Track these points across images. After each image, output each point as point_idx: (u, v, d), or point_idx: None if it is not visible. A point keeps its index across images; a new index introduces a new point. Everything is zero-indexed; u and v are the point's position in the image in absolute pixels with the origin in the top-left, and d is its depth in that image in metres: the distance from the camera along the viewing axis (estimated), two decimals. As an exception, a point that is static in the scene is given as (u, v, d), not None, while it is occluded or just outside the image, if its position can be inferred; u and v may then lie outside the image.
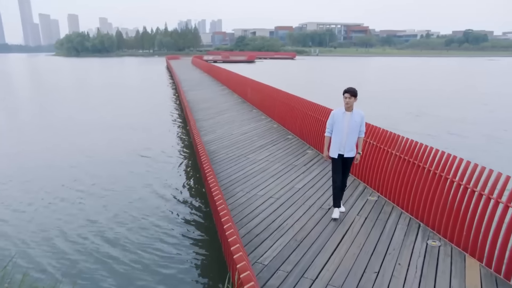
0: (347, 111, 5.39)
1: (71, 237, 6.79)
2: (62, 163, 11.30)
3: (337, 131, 5.46)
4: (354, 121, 5.38)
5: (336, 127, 5.47)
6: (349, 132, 5.40)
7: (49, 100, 27.21)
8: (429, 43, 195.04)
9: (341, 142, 5.44)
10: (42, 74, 59.13)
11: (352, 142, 5.47)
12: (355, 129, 5.42)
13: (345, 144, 5.44)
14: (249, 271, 3.10)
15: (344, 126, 5.40)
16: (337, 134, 5.46)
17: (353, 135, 5.44)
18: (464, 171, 4.89)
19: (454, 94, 28.91)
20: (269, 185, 7.17)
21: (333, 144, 5.53)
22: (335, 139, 5.50)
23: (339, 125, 5.43)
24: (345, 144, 5.44)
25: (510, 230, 4.06)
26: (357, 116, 5.40)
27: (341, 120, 5.42)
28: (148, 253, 6.21)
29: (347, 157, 5.52)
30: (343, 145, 5.45)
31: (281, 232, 5.30)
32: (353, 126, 5.39)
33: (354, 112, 5.40)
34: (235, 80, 23.02)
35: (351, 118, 5.37)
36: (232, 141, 10.62)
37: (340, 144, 5.46)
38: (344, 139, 5.43)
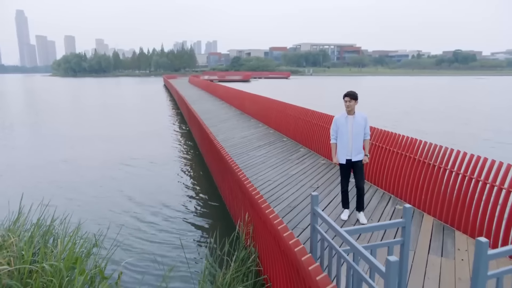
0: (349, 114, 5.43)
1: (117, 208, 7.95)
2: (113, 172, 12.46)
3: (342, 135, 5.47)
4: (358, 124, 5.41)
5: (341, 132, 5.48)
6: (354, 136, 5.41)
7: (74, 117, 28.46)
8: (420, 63, 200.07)
9: (348, 146, 5.44)
10: (55, 93, 60.38)
11: (358, 145, 5.47)
12: (360, 132, 5.44)
13: (351, 148, 5.44)
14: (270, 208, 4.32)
15: (348, 130, 5.41)
16: (343, 138, 5.47)
17: (359, 138, 5.45)
18: (422, 150, 6.21)
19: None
20: (268, 173, 8.43)
21: (340, 149, 5.52)
22: (341, 144, 5.50)
23: (343, 129, 5.44)
24: (352, 148, 5.44)
25: (452, 192, 5.37)
26: (360, 118, 5.44)
27: (344, 125, 5.43)
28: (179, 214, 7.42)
29: (356, 161, 5.52)
30: (349, 149, 5.45)
31: (279, 201, 6.55)
32: (357, 129, 5.41)
33: (356, 115, 5.44)
34: (232, 95, 24.46)
35: (354, 121, 5.40)
36: (234, 143, 11.89)
37: (347, 149, 5.46)
38: (350, 143, 5.43)
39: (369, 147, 6.61)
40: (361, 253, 2.43)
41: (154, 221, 7.66)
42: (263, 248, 4.30)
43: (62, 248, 4.56)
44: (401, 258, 2.80)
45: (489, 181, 4.90)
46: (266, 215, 3.59)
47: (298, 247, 2.83)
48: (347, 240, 2.57)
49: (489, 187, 4.89)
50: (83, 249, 4.91)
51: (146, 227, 7.35)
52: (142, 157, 13.45)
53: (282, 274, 3.54)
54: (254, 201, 4.06)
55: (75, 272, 4.27)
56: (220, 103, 25.91)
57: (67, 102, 41.96)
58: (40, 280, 3.85)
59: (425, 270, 4.29)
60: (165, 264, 5.60)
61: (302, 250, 2.79)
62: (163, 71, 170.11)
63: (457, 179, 5.41)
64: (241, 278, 4.31)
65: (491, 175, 4.90)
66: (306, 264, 2.60)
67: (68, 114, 29.20)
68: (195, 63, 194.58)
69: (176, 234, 6.97)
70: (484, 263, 2.25)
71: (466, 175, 5.27)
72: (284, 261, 3.34)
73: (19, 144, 16.87)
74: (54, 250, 4.59)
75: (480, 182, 5.02)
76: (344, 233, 2.63)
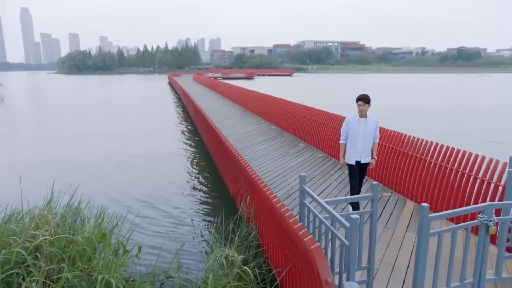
0: (361, 117, 5.52)
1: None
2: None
3: (353, 137, 5.56)
4: (369, 127, 5.49)
5: (352, 134, 5.56)
6: (364, 138, 5.50)
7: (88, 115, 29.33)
8: (424, 60, 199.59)
9: (357, 148, 5.54)
10: (65, 92, 61.35)
11: (368, 147, 5.57)
12: (370, 135, 5.54)
13: (361, 150, 5.55)
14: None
15: (360, 132, 5.51)
16: (353, 140, 5.56)
17: (369, 141, 5.55)
18: (403, 141, 6.94)
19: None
20: (268, 165, 9.18)
21: (349, 150, 5.64)
22: (351, 145, 5.60)
23: (355, 131, 5.53)
24: (362, 150, 5.55)
25: (431, 180, 6.11)
26: (371, 122, 5.53)
27: (356, 127, 5.52)
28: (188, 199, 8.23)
29: (364, 163, 5.65)
30: (359, 151, 5.55)
31: (277, 189, 7.30)
32: (368, 132, 5.50)
33: (368, 118, 5.53)
34: (236, 92, 25.21)
35: (366, 124, 5.49)
36: (237, 138, 12.64)
37: (356, 150, 5.56)
38: (360, 145, 5.53)
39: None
40: (335, 216, 3.18)
41: (166, 205, 8.58)
42: (262, 225, 5.05)
43: (90, 225, 5.36)
44: (371, 225, 3.52)
45: (460, 169, 5.64)
46: (264, 194, 4.34)
47: (291, 219, 3.55)
48: (326, 208, 3.32)
49: (459, 174, 5.63)
50: (107, 228, 5.68)
51: (159, 210, 8.26)
52: (152, 151, 14.40)
53: (277, 243, 4.29)
54: (255, 184, 4.80)
55: (103, 245, 5.07)
56: (224, 101, 26.66)
57: (78, 100, 42.91)
58: (76, 249, 4.61)
59: (401, 244, 5.02)
60: (178, 240, 6.40)
61: (294, 220, 3.52)
62: (167, 69, 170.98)
63: (435, 168, 6.15)
64: (243, 250, 5.05)
65: (456, 162, 5.64)
66: (297, 229, 3.32)
67: (80, 112, 30.08)
68: (199, 60, 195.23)
69: (186, 216, 7.88)
70: (426, 222, 2.98)
71: (443, 164, 6.00)
72: (279, 232, 4.08)
73: (42, 138, 17.72)
74: (83, 228, 5.36)
75: (453, 170, 5.76)
76: (324, 202, 3.37)
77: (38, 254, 4.46)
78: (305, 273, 3.28)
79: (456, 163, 5.77)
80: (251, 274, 4.33)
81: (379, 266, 4.46)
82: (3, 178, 10.98)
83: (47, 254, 4.47)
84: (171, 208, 8.41)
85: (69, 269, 4.23)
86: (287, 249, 3.90)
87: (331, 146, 9.77)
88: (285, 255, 3.96)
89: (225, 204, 8.21)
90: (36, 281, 3.96)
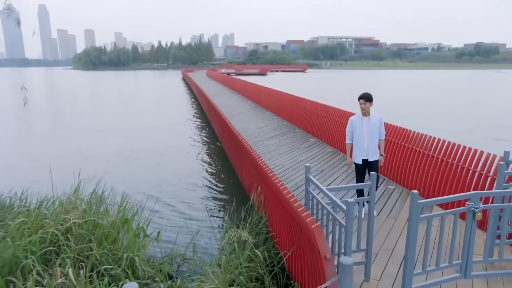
0: (364, 116, 5.58)
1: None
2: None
3: (358, 136, 5.61)
4: (373, 125, 5.53)
5: (356, 133, 5.62)
6: (369, 136, 5.54)
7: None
8: (440, 56, 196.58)
9: (363, 147, 5.59)
10: (86, 88, 62.71)
11: (374, 145, 5.60)
12: (375, 133, 5.56)
13: (367, 149, 5.58)
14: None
15: (364, 131, 5.55)
16: (358, 139, 5.61)
17: (374, 138, 5.58)
18: (407, 136, 7.26)
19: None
20: (279, 159, 9.57)
21: (356, 150, 5.69)
22: (356, 144, 5.66)
23: (359, 130, 5.58)
24: (368, 148, 5.58)
25: (433, 174, 6.43)
26: (375, 119, 5.57)
27: (360, 126, 5.57)
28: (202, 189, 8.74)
29: (372, 161, 5.66)
30: (365, 149, 5.59)
31: (287, 181, 7.70)
32: (372, 130, 5.53)
33: (371, 116, 5.58)
34: (249, 89, 25.61)
35: (370, 122, 5.54)
36: (249, 133, 13.05)
37: (362, 149, 5.60)
38: (366, 143, 5.56)
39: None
40: (335, 201, 3.57)
41: (183, 195, 9.21)
42: (271, 213, 5.46)
43: (114, 211, 5.87)
44: (369, 211, 3.89)
45: (460, 163, 5.96)
46: (273, 183, 4.75)
47: (295, 203, 3.96)
48: (327, 194, 3.71)
49: (459, 168, 5.95)
50: (129, 214, 6.17)
51: (176, 199, 8.89)
52: (169, 144, 15.15)
53: (284, 228, 4.70)
54: (265, 174, 5.22)
55: (125, 229, 5.55)
56: (237, 97, 27.09)
57: (96, 96, 43.99)
58: (102, 231, 5.10)
59: (401, 233, 5.38)
60: (193, 226, 6.88)
61: (298, 204, 3.92)
62: (180, 64, 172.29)
63: (437, 162, 6.47)
64: (254, 236, 5.47)
65: (456, 157, 5.95)
66: (300, 212, 3.72)
67: (98, 108, 30.93)
68: (212, 56, 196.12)
69: (202, 204, 8.46)
70: (416, 208, 3.34)
71: (444, 159, 6.32)
72: (286, 217, 4.48)
73: (70, 133, 18.46)
74: (107, 213, 5.86)
75: (454, 164, 6.07)
76: (325, 189, 3.76)
77: (68, 235, 4.96)
78: (308, 252, 3.68)
79: (457, 157, 6.08)
80: (261, 256, 4.76)
81: (379, 251, 4.83)
82: (30, 170, 11.64)
83: (77, 236, 4.97)
84: (187, 197, 9.02)
85: (97, 248, 4.70)
86: (292, 233, 4.30)
87: (340, 141, 10.11)
88: (291, 238, 4.36)
89: (237, 194, 8.67)
90: (69, 258, 4.44)
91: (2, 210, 6.19)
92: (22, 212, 5.67)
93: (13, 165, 12.24)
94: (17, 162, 12.70)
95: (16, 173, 11.29)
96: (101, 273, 4.36)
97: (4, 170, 11.56)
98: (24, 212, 5.62)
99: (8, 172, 11.43)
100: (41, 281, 4.05)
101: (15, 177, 10.63)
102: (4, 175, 10.99)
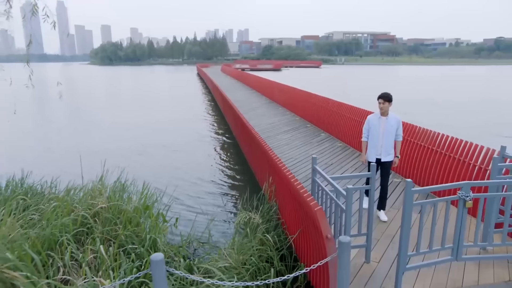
0: (382, 116, 5.58)
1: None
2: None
3: (373, 135, 5.63)
4: (390, 125, 5.51)
5: (372, 132, 5.64)
6: (385, 137, 5.53)
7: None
8: (458, 51, 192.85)
9: (377, 146, 5.60)
10: (106, 83, 64.06)
11: (388, 146, 5.57)
12: (391, 133, 5.54)
13: (381, 148, 5.57)
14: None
15: (380, 130, 5.55)
16: (373, 138, 5.63)
17: (389, 139, 5.55)
18: (413, 132, 7.58)
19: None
20: (290, 152, 9.98)
21: (370, 148, 5.71)
22: (371, 143, 5.68)
23: (375, 129, 5.59)
24: (382, 148, 5.57)
25: (436, 167, 6.76)
26: (392, 120, 5.54)
27: (376, 125, 5.58)
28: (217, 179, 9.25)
29: (384, 161, 5.65)
30: (379, 149, 5.60)
31: (297, 174, 8.10)
32: (388, 131, 5.51)
33: (389, 117, 5.56)
34: (263, 84, 26.00)
35: (387, 122, 5.53)
36: (262, 128, 13.47)
37: (376, 148, 5.62)
38: (380, 143, 5.56)
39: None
40: (337, 189, 3.97)
41: (199, 185, 9.85)
42: (281, 201, 5.88)
43: (137, 198, 6.39)
44: (369, 198, 4.28)
45: (462, 157, 6.27)
46: (282, 172, 5.17)
47: (302, 190, 4.36)
48: (330, 182, 4.11)
49: (461, 162, 6.27)
50: (149, 202, 6.67)
51: (193, 188, 9.56)
52: (185, 139, 15.83)
53: (292, 214, 5.12)
54: (275, 164, 5.64)
55: (146, 215, 6.05)
56: (251, 92, 27.51)
57: (117, 92, 45.02)
58: (127, 215, 5.60)
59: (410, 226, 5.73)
60: (209, 214, 7.41)
61: (304, 191, 4.33)
62: (195, 60, 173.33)
63: (440, 156, 6.79)
64: (265, 222, 5.91)
65: (458, 151, 6.27)
66: (306, 197, 4.13)
67: (119, 103, 31.76)
68: (227, 51, 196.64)
69: (217, 194, 9.09)
70: (410, 195, 3.71)
71: (447, 153, 6.64)
72: (294, 204, 4.89)
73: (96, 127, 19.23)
74: (129, 200, 6.37)
75: (456, 159, 6.39)
76: (329, 177, 4.16)
77: (96, 219, 5.48)
78: (312, 234, 4.09)
79: (459, 152, 6.39)
80: (271, 240, 5.19)
81: (380, 237, 5.22)
82: (59, 161, 12.34)
83: (103, 219, 5.48)
84: (203, 187, 9.66)
85: (122, 230, 5.20)
86: (299, 217, 4.72)
87: (349, 136, 10.45)
88: (298, 222, 4.78)
89: (250, 185, 9.14)
90: (98, 237, 4.95)
91: (34, 196, 6.78)
92: (53, 198, 6.23)
93: (41, 157, 12.96)
94: (46, 153, 13.45)
95: (43, 164, 11.97)
96: (127, 252, 4.85)
97: (34, 161, 12.25)
98: (54, 198, 6.17)
99: (35, 163, 12.12)
100: (75, 256, 4.56)
101: (41, 168, 11.31)
102: (32, 166, 11.68)
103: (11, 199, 6.22)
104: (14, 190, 6.97)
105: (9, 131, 17.86)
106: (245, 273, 4.60)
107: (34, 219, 5.51)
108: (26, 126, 19.37)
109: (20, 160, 11.77)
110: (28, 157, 12.71)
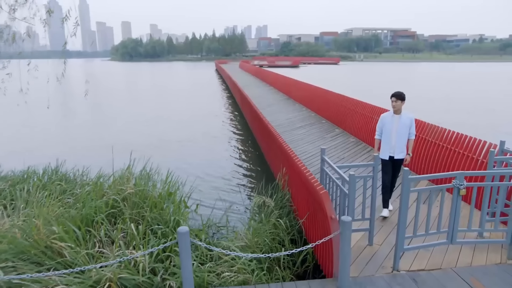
0: (395, 114, 5.66)
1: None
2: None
3: (386, 133, 5.69)
4: (403, 123, 5.58)
5: (385, 130, 5.70)
6: (398, 135, 5.59)
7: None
8: (482, 48, 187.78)
9: (391, 144, 5.66)
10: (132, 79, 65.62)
11: (401, 144, 5.64)
12: (404, 132, 5.60)
13: (394, 146, 5.63)
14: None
15: (393, 128, 5.61)
16: (386, 136, 5.70)
17: (403, 137, 5.62)
18: (420, 127, 7.93)
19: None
20: (304, 147, 10.43)
21: (383, 146, 5.78)
22: (385, 141, 5.74)
23: (388, 127, 5.66)
24: (395, 146, 5.63)
25: (441, 160, 7.12)
26: (405, 118, 5.61)
27: (389, 123, 5.65)
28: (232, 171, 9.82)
29: (397, 159, 5.71)
30: (392, 147, 5.66)
31: (310, 167, 8.56)
32: (401, 129, 5.57)
33: (402, 115, 5.63)
34: (280, 81, 26.43)
35: (400, 120, 5.60)
36: (279, 123, 13.94)
37: (389, 146, 5.68)
38: (394, 141, 5.62)
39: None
40: (343, 177, 4.43)
41: (218, 175, 10.58)
42: (294, 190, 6.37)
43: (161, 185, 6.99)
44: (372, 185, 4.72)
45: (464, 151, 6.62)
46: (294, 162, 5.65)
47: (310, 176, 4.84)
48: (336, 170, 4.57)
49: (463, 155, 6.62)
50: (172, 189, 7.25)
51: (213, 178, 10.31)
52: (206, 133, 16.65)
53: (303, 201, 5.60)
54: (289, 156, 6.12)
55: (170, 201, 6.63)
56: (268, 89, 27.97)
57: (140, 87, 46.22)
58: (152, 200, 6.18)
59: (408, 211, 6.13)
60: (227, 201, 8.01)
61: (312, 177, 4.80)
62: (214, 56, 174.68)
63: (442, 150, 7.14)
64: (278, 208, 6.41)
65: (461, 145, 6.62)
66: (313, 182, 4.60)
67: (141, 98, 32.73)
68: (245, 48, 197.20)
69: (234, 183, 9.76)
70: (407, 182, 4.15)
71: (452, 148, 6.99)
72: (304, 191, 5.37)
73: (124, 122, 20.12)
74: (155, 187, 6.96)
75: (457, 152, 6.75)
76: (335, 166, 4.62)
77: (125, 203, 6.07)
78: (319, 217, 4.57)
79: (463, 147, 6.74)
80: (283, 224, 5.69)
81: (384, 223, 5.65)
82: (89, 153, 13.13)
83: (131, 203, 6.08)
84: (221, 177, 10.37)
85: (149, 213, 5.78)
86: (309, 202, 5.20)
87: (362, 132, 10.82)
88: (307, 206, 5.26)
89: (265, 175, 9.66)
90: (128, 218, 5.54)
91: (68, 183, 7.46)
92: (86, 183, 6.88)
93: (71, 148, 13.80)
94: (74, 145, 14.31)
95: (69, 155, 12.76)
96: (154, 231, 5.42)
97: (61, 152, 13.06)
98: (88, 184, 6.81)
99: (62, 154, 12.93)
100: (108, 234, 5.16)
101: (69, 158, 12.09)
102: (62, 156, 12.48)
103: (49, 184, 6.92)
104: (50, 177, 7.68)
105: (42, 123, 18.99)
106: (259, 252, 5.11)
107: (70, 202, 6.16)
108: (52, 120, 20.38)
109: (51, 151, 12.59)
110: (58, 148, 13.54)
